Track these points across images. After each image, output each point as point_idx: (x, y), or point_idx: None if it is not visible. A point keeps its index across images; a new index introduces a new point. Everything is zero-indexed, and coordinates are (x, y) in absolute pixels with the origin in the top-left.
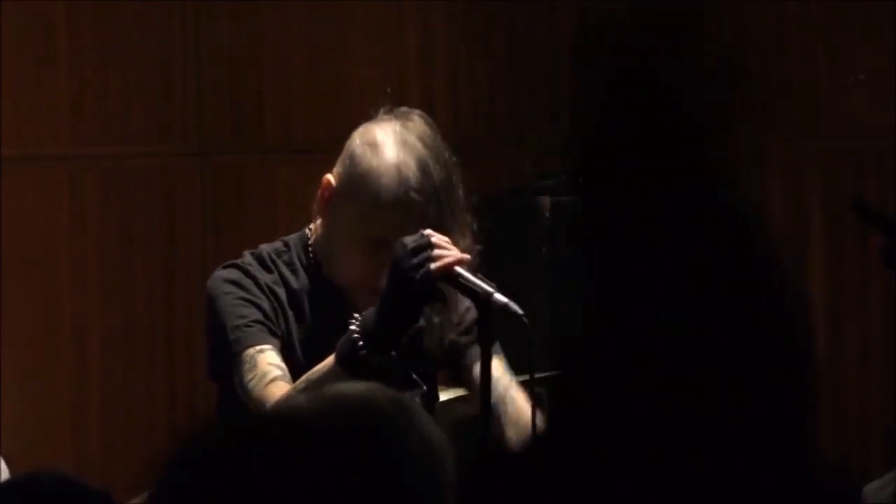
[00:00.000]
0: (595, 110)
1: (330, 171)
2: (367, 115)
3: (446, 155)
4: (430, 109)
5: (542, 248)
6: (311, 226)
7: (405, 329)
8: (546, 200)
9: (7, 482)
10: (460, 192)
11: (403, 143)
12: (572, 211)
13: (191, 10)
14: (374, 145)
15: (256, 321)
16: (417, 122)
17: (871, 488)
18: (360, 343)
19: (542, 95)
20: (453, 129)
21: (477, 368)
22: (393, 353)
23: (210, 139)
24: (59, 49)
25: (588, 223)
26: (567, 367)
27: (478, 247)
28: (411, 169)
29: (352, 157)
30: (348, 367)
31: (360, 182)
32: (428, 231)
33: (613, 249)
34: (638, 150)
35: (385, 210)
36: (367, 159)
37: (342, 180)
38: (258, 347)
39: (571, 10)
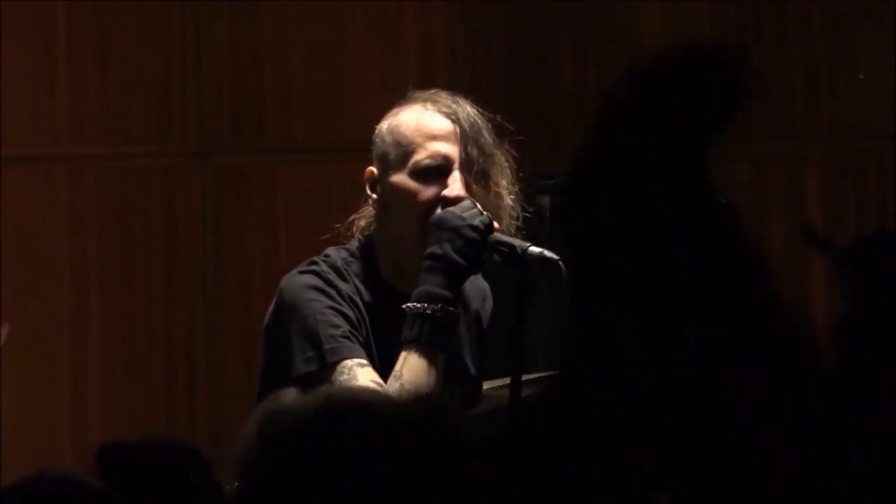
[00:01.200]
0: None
1: (331, 170)
2: (369, 116)
3: (473, 108)
4: None
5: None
6: (365, 233)
7: (466, 279)
8: (546, 200)
9: (10, 485)
10: (491, 134)
11: (423, 97)
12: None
13: (191, 10)
14: (397, 112)
15: (350, 332)
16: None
17: None
18: (429, 309)
19: (542, 95)
20: None
21: None
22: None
23: (210, 139)
24: (59, 49)
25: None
26: (558, 369)
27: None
28: (436, 101)
29: (380, 131)
30: (429, 341)
31: (393, 133)
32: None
33: (600, 250)
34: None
35: (424, 134)
36: (393, 117)
37: (378, 153)
38: (357, 360)
39: (573, 11)
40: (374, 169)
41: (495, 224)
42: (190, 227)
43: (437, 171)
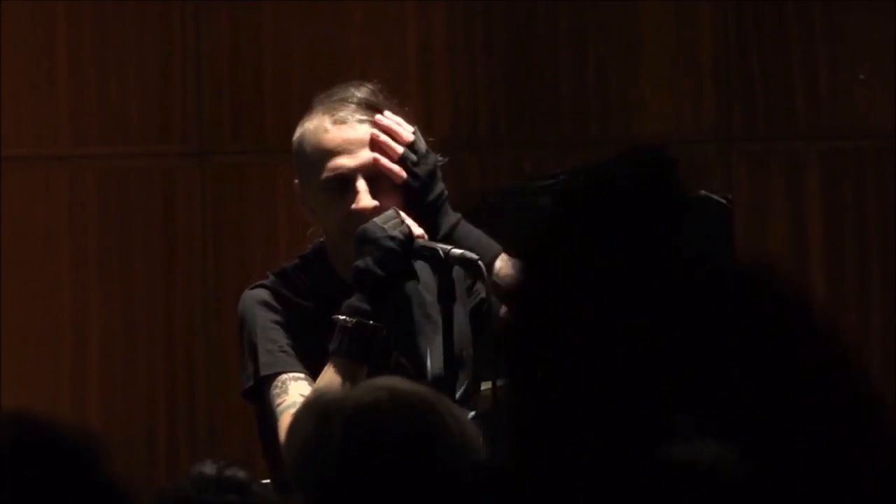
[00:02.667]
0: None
1: None
2: None
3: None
4: (429, 109)
5: None
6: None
7: (389, 289)
8: (546, 200)
9: None
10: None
11: (323, 104)
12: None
13: (191, 10)
14: (303, 122)
15: (289, 346)
16: None
17: None
18: (348, 322)
19: (542, 95)
20: (453, 129)
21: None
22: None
23: (210, 139)
24: (58, 49)
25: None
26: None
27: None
28: (332, 109)
29: (294, 142)
30: (348, 353)
31: (302, 146)
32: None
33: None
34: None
35: (321, 151)
36: (301, 128)
37: (294, 166)
38: (291, 374)
39: (573, 11)
40: (296, 181)
41: (419, 231)
42: (190, 227)
43: (342, 186)
